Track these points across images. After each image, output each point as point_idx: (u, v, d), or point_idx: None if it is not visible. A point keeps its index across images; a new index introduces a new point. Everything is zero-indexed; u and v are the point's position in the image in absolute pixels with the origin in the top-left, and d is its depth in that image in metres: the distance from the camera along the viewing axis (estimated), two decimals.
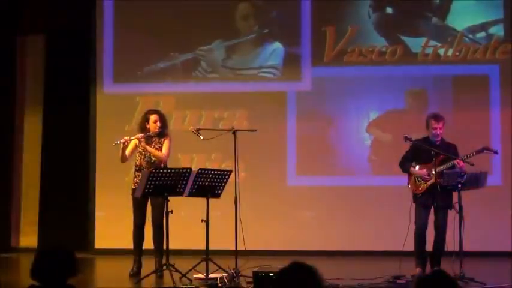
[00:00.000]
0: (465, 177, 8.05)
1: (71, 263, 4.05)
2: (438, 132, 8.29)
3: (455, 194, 8.18)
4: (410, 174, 8.37)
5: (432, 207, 8.22)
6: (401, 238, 8.05)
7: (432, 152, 8.13)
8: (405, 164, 8.41)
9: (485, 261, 9.57)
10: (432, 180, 8.16)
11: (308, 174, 10.74)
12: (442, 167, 8.16)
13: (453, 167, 8.17)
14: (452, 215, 8.09)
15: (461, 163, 8.13)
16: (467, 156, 8.16)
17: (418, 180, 8.29)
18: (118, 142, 8.37)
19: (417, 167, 8.31)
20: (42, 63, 11.39)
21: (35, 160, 11.26)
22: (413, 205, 8.31)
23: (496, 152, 8.47)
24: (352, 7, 10.77)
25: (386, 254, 9.68)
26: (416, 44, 10.67)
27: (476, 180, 8.22)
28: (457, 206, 8.00)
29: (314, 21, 10.75)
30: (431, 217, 8.27)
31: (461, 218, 7.92)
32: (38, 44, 11.42)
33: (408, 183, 8.39)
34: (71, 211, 10.90)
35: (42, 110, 11.28)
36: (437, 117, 8.36)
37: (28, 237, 11.11)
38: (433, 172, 8.11)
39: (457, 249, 7.89)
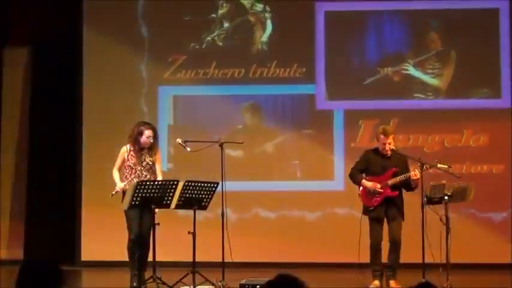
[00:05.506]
0: (452, 189, 8.01)
1: (56, 276, 4.02)
2: (387, 148, 8.20)
3: (405, 205, 8.13)
4: (361, 186, 8.30)
5: (385, 219, 8.18)
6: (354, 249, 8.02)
7: (384, 165, 8.12)
8: (356, 176, 8.31)
9: (476, 273, 9.51)
10: (384, 194, 8.12)
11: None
12: (396, 180, 8.12)
13: (408, 179, 8.12)
14: (437, 227, 7.99)
15: (417, 175, 8.03)
16: (426, 167, 8.07)
17: (371, 194, 8.22)
18: (114, 192, 8.25)
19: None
20: (28, 74, 11.35)
21: (21, 172, 11.20)
22: (364, 217, 8.23)
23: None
24: None
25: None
26: None
27: (463, 193, 8.20)
28: (443, 218, 7.97)
29: None
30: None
31: (447, 230, 7.88)
32: (25, 55, 11.38)
33: (359, 195, 8.32)
34: (57, 223, 10.84)
35: (29, 122, 11.22)
36: (386, 132, 8.25)
37: (13, 250, 11.03)
38: (385, 185, 8.08)
39: (444, 261, 7.86)
